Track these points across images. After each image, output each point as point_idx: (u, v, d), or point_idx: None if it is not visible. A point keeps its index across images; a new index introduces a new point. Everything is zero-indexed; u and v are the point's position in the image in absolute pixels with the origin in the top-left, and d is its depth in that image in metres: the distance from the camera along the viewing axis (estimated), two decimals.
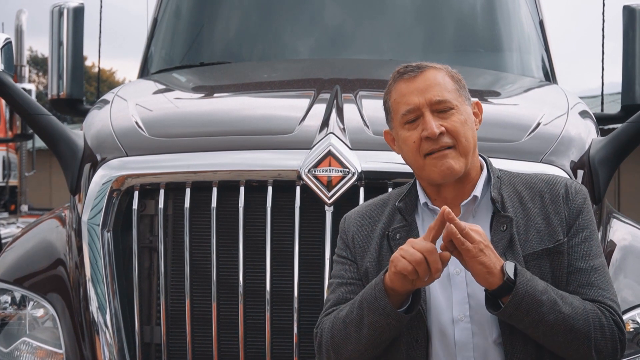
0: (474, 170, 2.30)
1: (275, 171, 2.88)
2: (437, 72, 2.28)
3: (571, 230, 2.25)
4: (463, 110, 2.26)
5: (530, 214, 2.25)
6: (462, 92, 2.29)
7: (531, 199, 2.28)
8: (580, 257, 2.23)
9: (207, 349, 2.88)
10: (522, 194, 2.29)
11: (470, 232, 2.06)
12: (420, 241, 2.08)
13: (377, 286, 2.15)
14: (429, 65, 2.30)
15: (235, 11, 4.76)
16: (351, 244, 2.37)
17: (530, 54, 4.68)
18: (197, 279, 2.89)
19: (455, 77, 2.31)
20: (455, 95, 2.26)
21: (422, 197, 2.32)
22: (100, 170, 3.01)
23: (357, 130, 2.95)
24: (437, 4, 4.72)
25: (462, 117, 2.25)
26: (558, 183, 2.32)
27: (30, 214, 12.89)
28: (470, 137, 2.26)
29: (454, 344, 2.20)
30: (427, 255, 2.05)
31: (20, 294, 3.11)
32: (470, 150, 2.26)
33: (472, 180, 2.29)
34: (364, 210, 2.44)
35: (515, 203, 2.27)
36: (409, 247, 2.07)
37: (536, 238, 2.23)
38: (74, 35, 4.63)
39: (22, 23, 11.29)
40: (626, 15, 4.51)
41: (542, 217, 2.25)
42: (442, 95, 2.24)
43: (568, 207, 2.27)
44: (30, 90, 10.20)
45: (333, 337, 2.25)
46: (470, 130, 2.26)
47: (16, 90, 3.29)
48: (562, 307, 2.11)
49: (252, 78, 4.12)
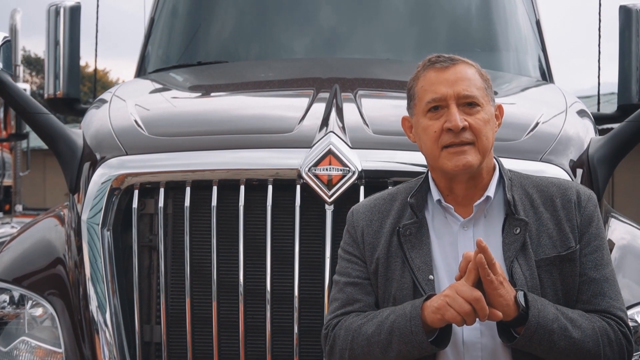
0: (487, 171, 2.30)
1: (275, 170, 2.88)
2: (469, 68, 2.28)
3: (583, 238, 2.25)
4: (487, 110, 2.27)
5: (542, 218, 2.25)
6: (488, 91, 2.30)
7: (543, 203, 2.28)
8: (593, 266, 2.24)
9: (208, 348, 2.88)
10: (534, 196, 2.29)
11: (496, 263, 2.07)
12: (466, 289, 2.06)
13: (414, 320, 2.12)
14: (462, 59, 2.29)
15: (232, 11, 4.76)
16: (360, 240, 2.36)
17: (527, 54, 4.69)
18: (197, 277, 2.89)
19: (485, 76, 2.31)
20: (483, 94, 2.27)
21: (436, 194, 2.31)
22: (100, 169, 3.00)
23: (357, 129, 2.95)
24: (434, 4, 4.73)
25: (486, 116, 2.25)
26: (570, 189, 2.31)
27: (25, 214, 12.87)
28: (491, 137, 2.26)
29: (462, 344, 2.20)
30: (475, 305, 2.04)
31: (19, 293, 3.10)
32: (488, 149, 2.26)
33: (483, 180, 2.29)
34: (373, 204, 2.42)
35: (526, 206, 2.27)
36: (456, 296, 2.05)
37: (548, 244, 2.23)
38: (70, 34, 4.62)
39: (17, 22, 11.28)
40: (622, 15, 4.52)
41: (554, 222, 2.25)
42: (470, 90, 2.24)
43: (580, 214, 2.26)
44: (25, 90, 10.17)
45: (352, 349, 2.24)
46: (491, 131, 2.27)
47: (15, 89, 3.28)
48: (573, 332, 2.13)
49: (250, 77, 4.12)
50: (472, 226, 2.27)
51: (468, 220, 2.27)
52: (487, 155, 2.27)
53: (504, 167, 2.35)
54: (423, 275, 2.24)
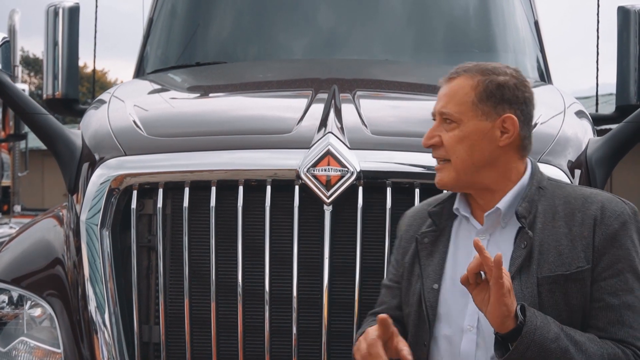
0: (503, 182, 2.22)
1: (273, 170, 2.88)
2: (464, 81, 2.21)
3: (603, 259, 2.11)
4: (468, 126, 2.19)
5: (557, 233, 2.14)
6: (481, 105, 2.18)
7: (564, 216, 2.16)
8: (613, 291, 2.09)
9: (206, 349, 2.88)
10: (558, 209, 2.18)
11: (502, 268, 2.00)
12: (369, 335, 2.14)
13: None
14: (465, 72, 2.23)
15: (231, 11, 4.77)
16: (399, 244, 2.41)
17: (525, 55, 4.70)
18: (196, 278, 2.90)
19: (487, 90, 2.19)
20: (465, 109, 2.19)
21: (457, 203, 2.29)
22: (99, 170, 3.01)
23: (356, 130, 2.95)
24: (433, 5, 4.74)
25: (461, 133, 2.19)
26: (594, 203, 2.16)
27: (23, 215, 12.86)
28: (467, 155, 2.19)
29: (459, 353, 2.18)
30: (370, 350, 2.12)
31: (18, 294, 3.10)
32: (465, 167, 2.20)
33: (501, 191, 2.22)
34: (418, 209, 2.44)
35: (547, 219, 2.16)
36: (361, 341, 2.16)
37: (556, 261, 2.11)
38: (69, 35, 4.63)
39: (15, 23, 11.27)
40: (621, 16, 4.53)
41: (569, 238, 2.13)
42: (447, 107, 2.21)
43: (600, 232, 2.11)
44: (24, 91, 10.16)
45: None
46: (470, 148, 2.18)
47: (14, 89, 3.28)
48: (575, 355, 2.01)
49: (248, 78, 4.13)
50: (489, 236, 2.23)
51: (484, 230, 2.23)
52: (475, 173, 2.20)
53: (536, 175, 2.24)
54: (428, 284, 2.25)
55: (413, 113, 3.42)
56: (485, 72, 2.22)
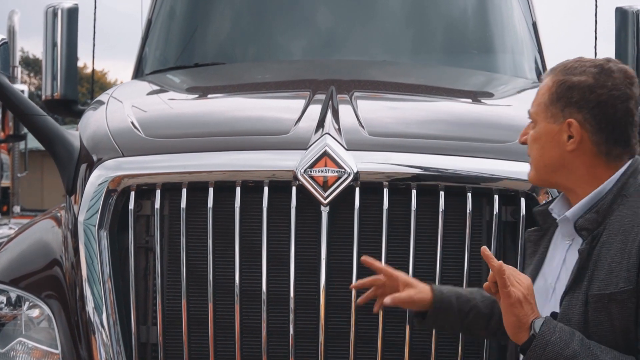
0: (583, 186, 2.15)
1: (271, 171, 2.89)
2: (547, 81, 2.19)
3: None
4: (540, 127, 2.18)
5: (614, 248, 2.03)
6: (551, 108, 2.15)
7: (624, 231, 2.04)
8: None
9: (204, 349, 2.88)
10: (625, 220, 2.06)
11: (511, 277, 1.99)
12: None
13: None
14: (551, 71, 2.21)
15: (229, 12, 4.78)
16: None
17: (524, 56, 4.70)
18: (194, 279, 2.90)
19: (558, 91, 2.14)
20: (540, 110, 2.18)
21: (555, 202, 2.27)
22: (97, 171, 3.01)
23: (353, 131, 2.96)
24: (431, 6, 4.75)
25: (536, 134, 2.20)
26: None
27: (23, 215, 12.88)
28: (539, 156, 2.19)
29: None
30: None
31: (16, 295, 3.11)
32: (541, 167, 2.20)
33: (579, 197, 2.16)
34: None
35: (613, 231, 2.06)
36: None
37: (605, 279, 2.01)
38: (68, 36, 4.65)
39: (15, 24, 11.29)
40: (619, 17, 4.55)
41: (621, 255, 2.02)
42: (531, 106, 2.23)
43: None
44: (23, 91, 10.19)
45: None
46: (541, 149, 2.18)
47: (12, 90, 3.28)
48: None
49: (246, 79, 4.13)
50: (571, 240, 2.19)
51: (567, 234, 2.20)
52: (551, 173, 2.18)
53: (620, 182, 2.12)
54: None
55: (410, 114, 3.43)
56: (565, 71, 2.16)
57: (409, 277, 2.52)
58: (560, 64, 2.20)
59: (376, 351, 2.82)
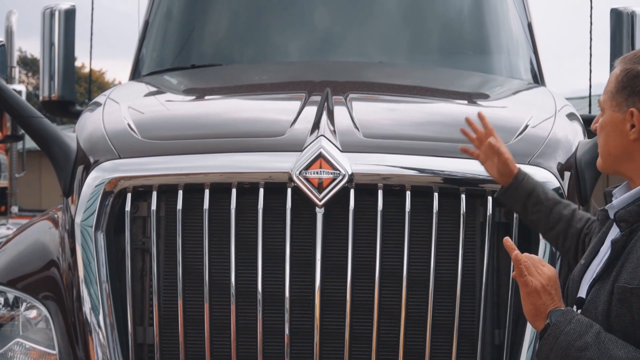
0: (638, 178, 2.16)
1: (266, 173, 2.91)
2: (616, 70, 2.18)
3: None
4: (606, 115, 2.20)
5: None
6: (617, 96, 2.15)
7: None
8: None
9: (200, 350, 2.90)
10: None
11: (531, 267, 2.02)
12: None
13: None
14: (622, 60, 2.20)
15: (226, 14, 4.79)
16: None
17: (519, 57, 4.72)
18: (190, 280, 2.92)
19: (624, 80, 2.14)
20: (607, 98, 2.19)
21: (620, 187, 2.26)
22: (93, 173, 3.03)
23: (348, 133, 2.98)
24: (427, 7, 4.76)
25: (602, 122, 2.21)
26: None
27: (21, 215, 12.89)
28: (604, 144, 2.20)
29: None
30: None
31: (14, 295, 3.12)
32: (605, 155, 2.21)
33: (634, 186, 2.17)
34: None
35: None
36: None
37: (632, 272, 2.01)
38: (65, 37, 4.66)
39: (12, 24, 11.29)
40: (613, 18, 4.57)
41: None
42: (602, 94, 2.22)
43: None
44: (21, 92, 10.21)
45: None
46: (606, 138, 2.19)
47: (9, 92, 3.29)
48: None
49: (243, 80, 4.15)
50: (615, 227, 2.19)
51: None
52: (617, 162, 2.19)
53: None
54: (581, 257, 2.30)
55: (405, 116, 3.45)
56: (633, 60, 2.15)
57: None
58: (632, 52, 2.21)
59: (371, 350, 2.84)
